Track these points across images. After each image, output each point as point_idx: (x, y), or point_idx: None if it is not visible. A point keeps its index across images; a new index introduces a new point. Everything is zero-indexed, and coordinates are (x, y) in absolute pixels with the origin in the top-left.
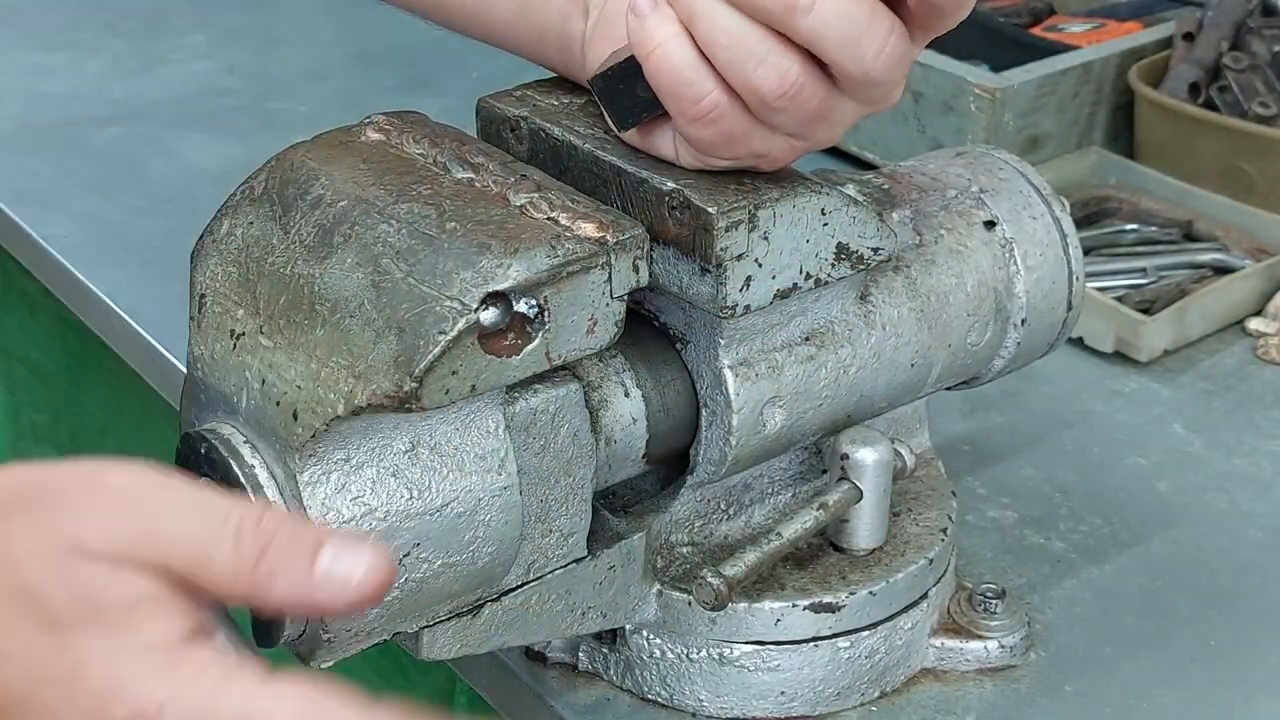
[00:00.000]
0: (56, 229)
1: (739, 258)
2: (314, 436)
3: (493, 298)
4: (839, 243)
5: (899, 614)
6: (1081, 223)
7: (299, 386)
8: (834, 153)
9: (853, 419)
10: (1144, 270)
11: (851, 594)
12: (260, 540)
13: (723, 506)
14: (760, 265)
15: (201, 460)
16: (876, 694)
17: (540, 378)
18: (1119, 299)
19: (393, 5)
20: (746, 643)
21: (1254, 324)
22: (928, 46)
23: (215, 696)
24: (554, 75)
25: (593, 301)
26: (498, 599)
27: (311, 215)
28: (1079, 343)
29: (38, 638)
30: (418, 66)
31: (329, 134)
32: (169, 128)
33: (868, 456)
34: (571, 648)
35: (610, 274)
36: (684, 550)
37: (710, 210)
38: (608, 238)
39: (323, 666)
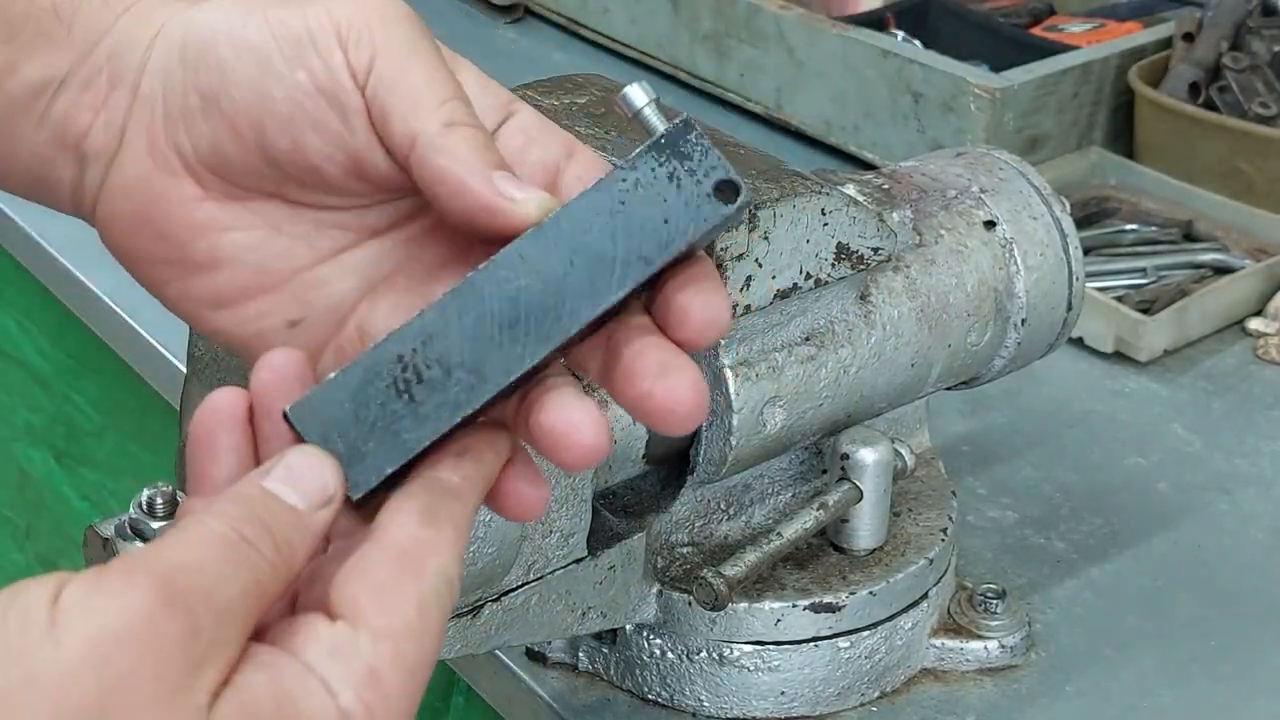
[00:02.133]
0: (55, 228)
1: (739, 258)
2: None
3: None
4: (839, 243)
5: (899, 614)
6: (1081, 223)
7: None
8: (834, 153)
9: (853, 419)
10: (1144, 270)
11: (852, 594)
12: (268, 536)
13: (723, 506)
14: (760, 265)
15: None
16: (876, 694)
17: None
18: (1119, 299)
19: None
20: (746, 643)
21: (1254, 324)
22: (929, 47)
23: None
24: (555, 76)
25: None
26: (498, 599)
27: None
28: (1079, 343)
29: None
30: None
31: None
32: None
33: (868, 456)
34: (571, 648)
35: None
36: (684, 550)
37: None
38: None
39: None
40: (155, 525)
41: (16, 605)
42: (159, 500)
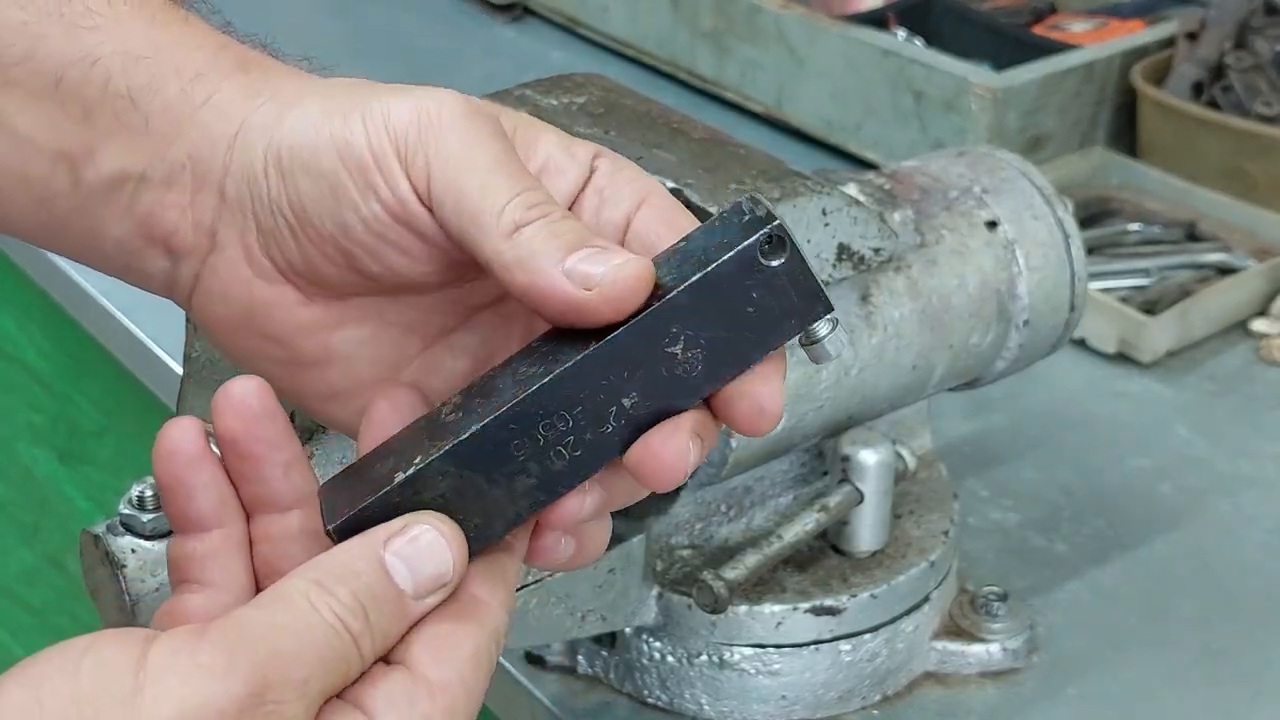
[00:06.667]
0: None
1: None
2: (311, 438)
3: None
4: (840, 243)
5: (901, 617)
6: (1084, 223)
7: None
8: (835, 152)
9: (854, 420)
10: (1147, 271)
11: (853, 597)
12: (368, 633)
13: (723, 509)
14: None
15: None
16: (878, 697)
17: None
18: (1122, 300)
19: None
20: (747, 646)
21: (1257, 325)
22: (930, 46)
23: None
24: (553, 75)
25: None
26: None
27: None
28: (1081, 344)
29: None
30: (417, 65)
31: None
32: None
33: (869, 458)
34: (570, 651)
35: None
36: (684, 553)
37: (710, 210)
38: None
39: None
40: (146, 518)
41: (92, 657)
42: (148, 493)
